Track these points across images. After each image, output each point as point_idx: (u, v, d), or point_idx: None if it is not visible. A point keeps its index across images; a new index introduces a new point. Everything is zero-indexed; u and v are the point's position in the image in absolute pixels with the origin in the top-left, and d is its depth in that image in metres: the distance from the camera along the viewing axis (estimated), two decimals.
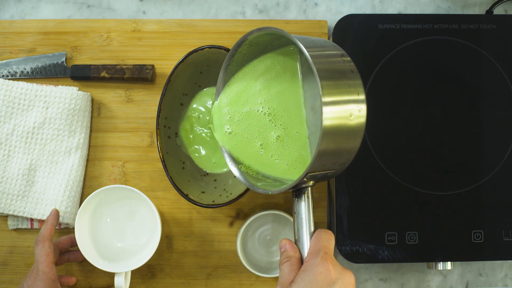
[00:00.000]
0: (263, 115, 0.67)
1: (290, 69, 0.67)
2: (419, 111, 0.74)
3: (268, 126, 0.67)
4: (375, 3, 0.80)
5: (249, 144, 0.68)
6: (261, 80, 0.68)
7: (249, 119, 0.68)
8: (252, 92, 0.68)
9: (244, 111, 0.68)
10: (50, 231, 0.68)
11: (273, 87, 0.67)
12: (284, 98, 0.67)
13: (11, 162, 0.74)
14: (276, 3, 0.80)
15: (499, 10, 0.80)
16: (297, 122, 0.66)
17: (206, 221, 0.76)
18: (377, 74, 0.74)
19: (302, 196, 0.61)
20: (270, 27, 0.61)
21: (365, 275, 0.77)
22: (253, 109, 0.67)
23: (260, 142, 0.67)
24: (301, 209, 0.61)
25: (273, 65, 0.67)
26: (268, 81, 0.67)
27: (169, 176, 0.70)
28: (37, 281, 0.65)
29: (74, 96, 0.74)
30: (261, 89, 0.67)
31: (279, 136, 0.66)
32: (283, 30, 0.60)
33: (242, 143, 0.68)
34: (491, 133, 0.74)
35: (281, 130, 0.66)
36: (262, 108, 0.67)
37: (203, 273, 0.75)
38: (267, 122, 0.67)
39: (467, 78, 0.75)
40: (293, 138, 0.66)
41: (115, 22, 0.78)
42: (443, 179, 0.73)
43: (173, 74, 0.71)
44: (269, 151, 0.67)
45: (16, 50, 0.77)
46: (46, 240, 0.67)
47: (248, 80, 0.68)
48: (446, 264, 0.73)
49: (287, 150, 0.66)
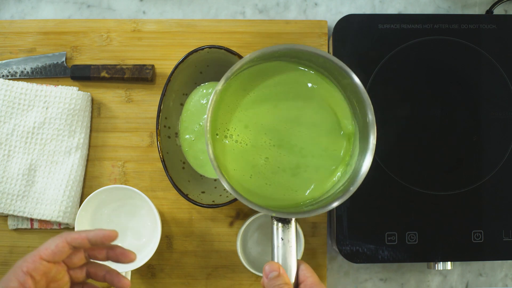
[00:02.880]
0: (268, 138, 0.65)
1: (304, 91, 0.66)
2: (419, 111, 0.74)
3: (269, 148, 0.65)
4: (375, 3, 0.80)
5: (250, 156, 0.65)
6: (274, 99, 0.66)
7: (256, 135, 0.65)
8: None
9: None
10: (78, 237, 0.58)
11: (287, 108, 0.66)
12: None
13: (11, 162, 0.74)
14: (276, 3, 0.80)
15: (499, 10, 0.80)
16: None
17: (206, 221, 0.76)
18: (377, 74, 0.74)
19: (291, 222, 0.59)
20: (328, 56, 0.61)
21: (365, 275, 0.77)
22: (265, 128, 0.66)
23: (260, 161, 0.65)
24: (291, 237, 0.58)
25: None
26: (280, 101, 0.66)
27: (169, 176, 0.70)
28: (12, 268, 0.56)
29: (74, 96, 0.74)
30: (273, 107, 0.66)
31: (298, 166, 0.65)
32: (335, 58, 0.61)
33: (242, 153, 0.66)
34: (491, 133, 0.74)
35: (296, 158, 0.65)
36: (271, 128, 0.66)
37: (203, 273, 0.75)
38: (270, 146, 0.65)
39: (467, 78, 0.75)
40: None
41: (115, 22, 0.78)
42: (443, 179, 0.73)
43: (173, 74, 0.71)
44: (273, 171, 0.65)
45: (16, 50, 0.77)
46: (64, 237, 0.58)
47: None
48: (446, 264, 0.73)
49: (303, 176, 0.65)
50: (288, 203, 0.64)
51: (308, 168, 0.65)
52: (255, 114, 0.65)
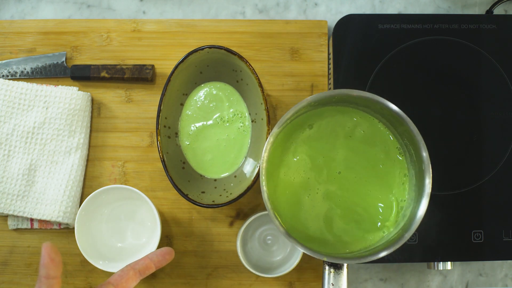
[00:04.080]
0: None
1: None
2: (419, 111, 0.74)
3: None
4: (375, 3, 0.80)
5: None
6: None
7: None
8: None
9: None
10: (143, 262, 0.62)
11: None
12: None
13: (11, 162, 0.74)
14: (276, 3, 0.80)
15: (499, 10, 0.80)
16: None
17: (206, 221, 0.76)
18: (377, 74, 0.74)
19: (343, 267, 0.58)
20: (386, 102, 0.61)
21: (365, 275, 0.77)
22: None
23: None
24: (342, 282, 0.58)
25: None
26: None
27: (169, 176, 0.70)
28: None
29: (74, 96, 0.74)
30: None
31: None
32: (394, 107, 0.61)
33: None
34: (491, 133, 0.74)
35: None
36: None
37: (203, 273, 0.75)
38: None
39: (467, 78, 0.75)
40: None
41: (115, 22, 0.78)
42: (443, 179, 0.73)
43: (173, 74, 0.71)
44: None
45: (16, 50, 0.77)
46: (131, 266, 0.62)
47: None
48: (446, 264, 0.73)
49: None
50: (340, 250, 0.63)
51: (363, 222, 0.64)
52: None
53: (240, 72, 0.72)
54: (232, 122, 0.74)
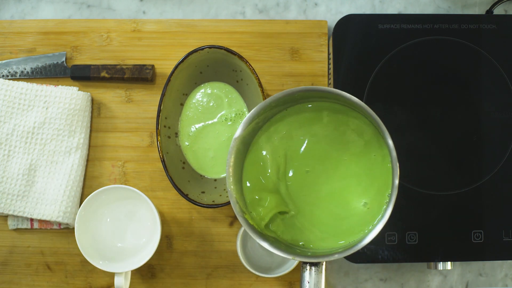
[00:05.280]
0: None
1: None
2: (419, 111, 0.74)
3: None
4: (375, 3, 0.80)
5: None
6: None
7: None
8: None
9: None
10: None
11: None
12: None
13: (11, 162, 0.74)
14: (276, 3, 0.80)
15: (499, 10, 0.80)
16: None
17: (206, 221, 0.76)
18: (377, 74, 0.74)
19: (319, 265, 0.57)
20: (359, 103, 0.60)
21: (365, 275, 0.77)
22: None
23: None
24: (320, 282, 0.57)
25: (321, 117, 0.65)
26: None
27: (169, 176, 0.70)
28: None
29: (74, 96, 0.74)
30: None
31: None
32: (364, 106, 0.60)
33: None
34: (491, 133, 0.74)
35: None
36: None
37: (203, 273, 0.75)
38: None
39: (467, 78, 0.75)
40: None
41: (115, 22, 0.78)
42: (443, 179, 0.73)
43: (173, 74, 0.71)
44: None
45: (16, 50, 0.77)
46: None
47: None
48: (446, 264, 0.73)
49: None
50: (320, 246, 0.63)
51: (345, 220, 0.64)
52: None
53: (240, 72, 0.72)
54: (233, 122, 0.74)
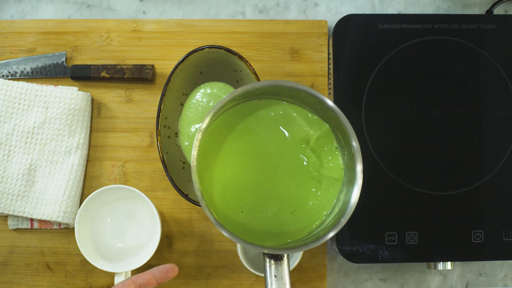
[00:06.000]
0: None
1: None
2: (419, 111, 0.74)
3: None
4: (375, 3, 0.80)
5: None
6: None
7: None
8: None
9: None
10: (145, 277, 0.64)
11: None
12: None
13: (11, 162, 0.74)
14: (276, 3, 0.80)
15: (499, 10, 0.80)
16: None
17: (206, 221, 0.76)
18: (377, 74, 0.74)
19: (284, 258, 0.58)
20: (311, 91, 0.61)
21: (365, 275, 0.77)
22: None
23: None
24: (284, 273, 0.57)
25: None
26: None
27: (169, 176, 0.70)
28: None
29: (74, 96, 0.74)
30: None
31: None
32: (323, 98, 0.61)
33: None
34: (491, 133, 0.74)
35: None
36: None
37: (203, 273, 0.75)
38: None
39: (467, 78, 0.75)
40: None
41: (115, 22, 0.78)
42: (443, 179, 0.73)
43: (173, 74, 0.71)
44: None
45: (16, 50, 0.77)
46: (132, 279, 0.63)
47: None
48: (446, 264, 0.73)
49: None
50: (278, 241, 0.63)
51: (296, 210, 0.64)
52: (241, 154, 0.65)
53: (240, 72, 0.72)
54: None
